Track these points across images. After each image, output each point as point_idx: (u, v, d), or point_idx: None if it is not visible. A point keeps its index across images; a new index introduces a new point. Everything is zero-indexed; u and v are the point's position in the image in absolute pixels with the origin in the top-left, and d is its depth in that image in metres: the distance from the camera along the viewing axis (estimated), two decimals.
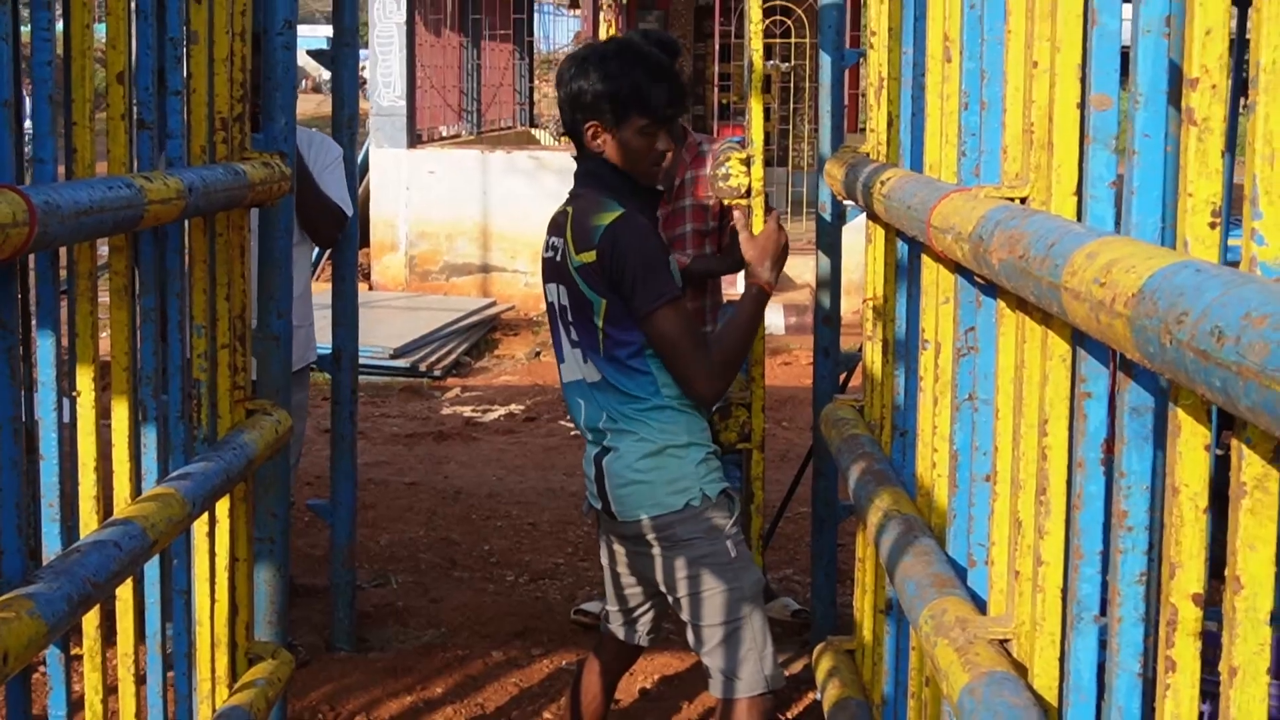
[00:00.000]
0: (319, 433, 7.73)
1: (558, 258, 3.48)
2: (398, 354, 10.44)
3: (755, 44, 4.48)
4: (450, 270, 13.33)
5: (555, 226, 3.53)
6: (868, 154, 3.65)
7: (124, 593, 2.97)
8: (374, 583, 5.76)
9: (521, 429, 8.98)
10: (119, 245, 2.89)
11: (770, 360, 9.55)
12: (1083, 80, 1.98)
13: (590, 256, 3.38)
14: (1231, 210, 3.43)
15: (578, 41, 18.09)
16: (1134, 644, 1.75)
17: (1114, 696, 1.78)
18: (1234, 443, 1.39)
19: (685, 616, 3.52)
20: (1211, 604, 1.57)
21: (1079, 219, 1.95)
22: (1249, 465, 1.38)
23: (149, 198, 2.74)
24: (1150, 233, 1.72)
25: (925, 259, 2.82)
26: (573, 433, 8.79)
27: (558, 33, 23.92)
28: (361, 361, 5.55)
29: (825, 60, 4.81)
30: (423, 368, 10.53)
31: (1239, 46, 4.26)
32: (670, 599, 3.55)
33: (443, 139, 14.71)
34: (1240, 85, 4.29)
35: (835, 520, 5.02)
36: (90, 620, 2.82)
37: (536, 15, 19.22)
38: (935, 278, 2.75)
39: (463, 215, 13.27)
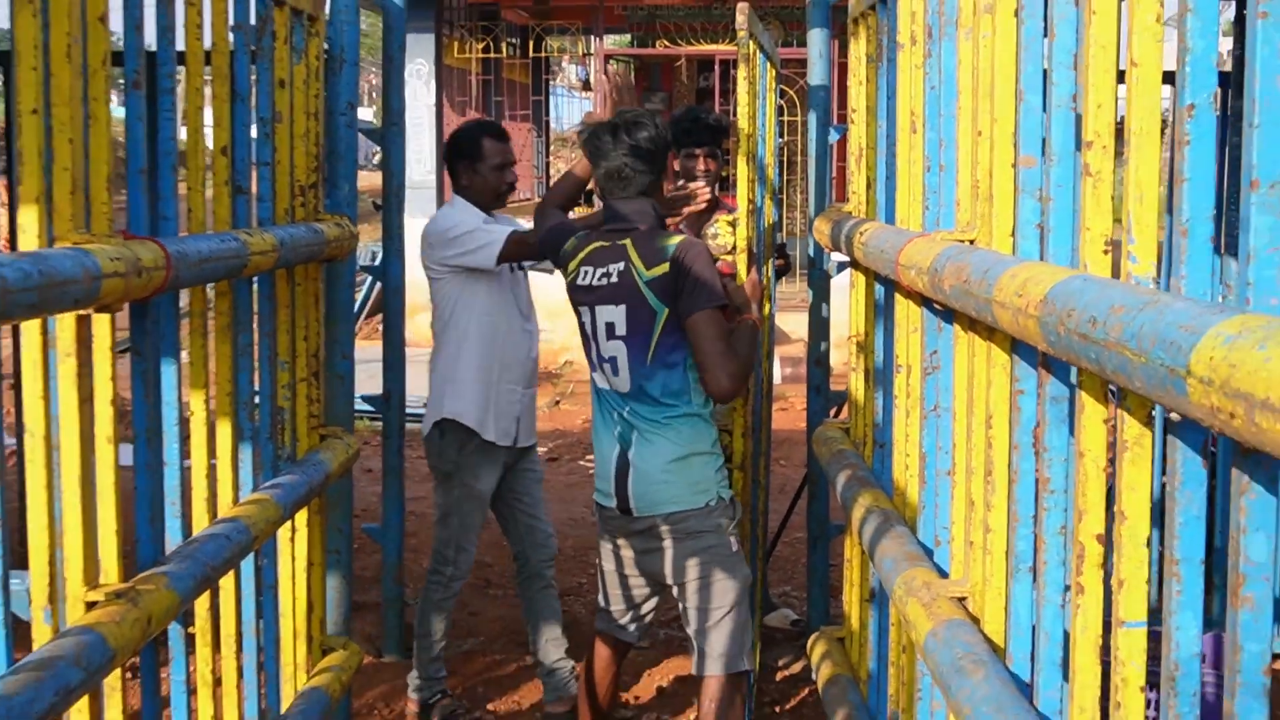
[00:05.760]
0: (362, 472, 8.05)
1: (613, 279, 3.72)
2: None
3: (742, 109, 4.57)
4: None
5: (607, 255, 3.77)
6: (850, 212, 4.02)
7: (227, 584, 3.30)
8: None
9: (545, 468, 9.28)
10: (224, 290, 3.24)
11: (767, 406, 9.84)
12: (1015, 145, 2.33)
13: (664, 268, 3.66)
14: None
15: (588, 119, 18.50)
16: (1056, 582, 2.08)
17: (1041, 623, 2.12)
18: (1118, 411, 1.74)
19: (689, 602, 3.76)
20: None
21: (1013, 253, 2.31)
22: (1129, 427, 1.72)
23: (251, 250, 3.09)
24: (1064, 260, 2.07)
25: (898, 296, 3.17)
26: (590, 472, 9.12)
27: (571, 113, 24.43)
28: None
29: (813, 134, 5.20)
30: None
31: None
32: (675, 587, 3.79)
33: None
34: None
35: (827, 538, 5.33)
36: (202, 604, 3.15)
37: (552, 97, 19.69)
38: (906, 312, 3.09)
39: None
